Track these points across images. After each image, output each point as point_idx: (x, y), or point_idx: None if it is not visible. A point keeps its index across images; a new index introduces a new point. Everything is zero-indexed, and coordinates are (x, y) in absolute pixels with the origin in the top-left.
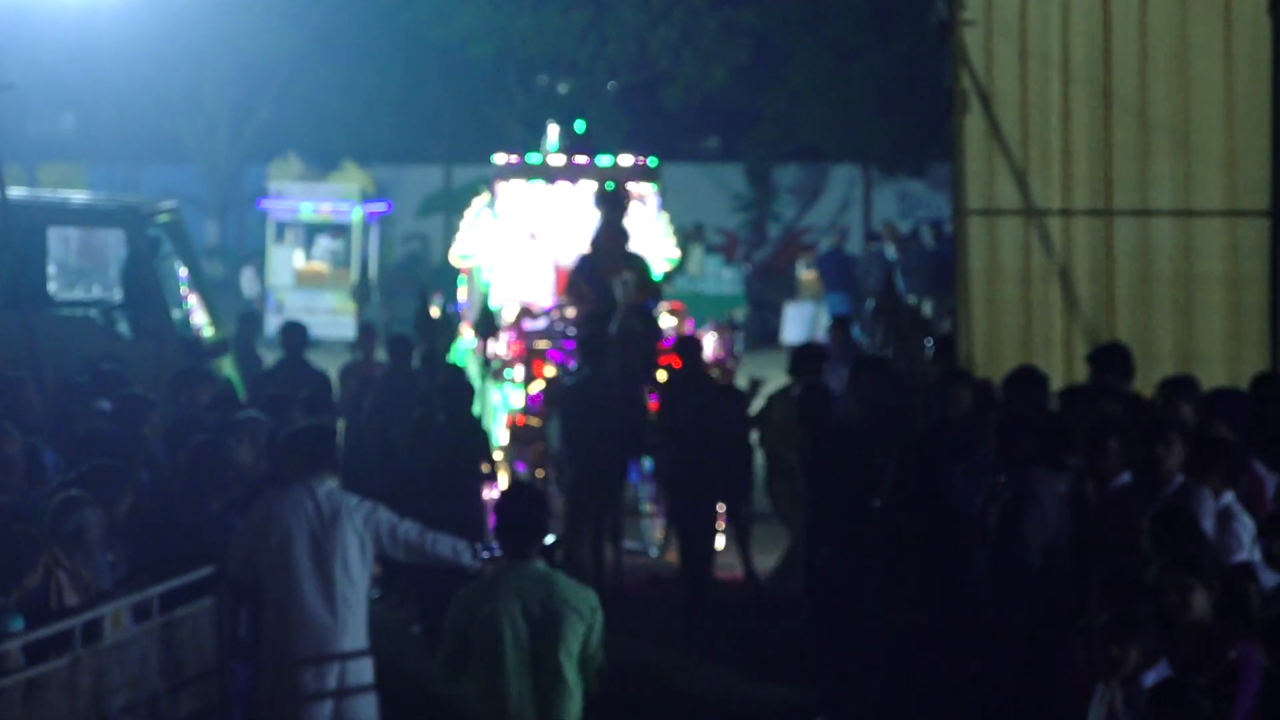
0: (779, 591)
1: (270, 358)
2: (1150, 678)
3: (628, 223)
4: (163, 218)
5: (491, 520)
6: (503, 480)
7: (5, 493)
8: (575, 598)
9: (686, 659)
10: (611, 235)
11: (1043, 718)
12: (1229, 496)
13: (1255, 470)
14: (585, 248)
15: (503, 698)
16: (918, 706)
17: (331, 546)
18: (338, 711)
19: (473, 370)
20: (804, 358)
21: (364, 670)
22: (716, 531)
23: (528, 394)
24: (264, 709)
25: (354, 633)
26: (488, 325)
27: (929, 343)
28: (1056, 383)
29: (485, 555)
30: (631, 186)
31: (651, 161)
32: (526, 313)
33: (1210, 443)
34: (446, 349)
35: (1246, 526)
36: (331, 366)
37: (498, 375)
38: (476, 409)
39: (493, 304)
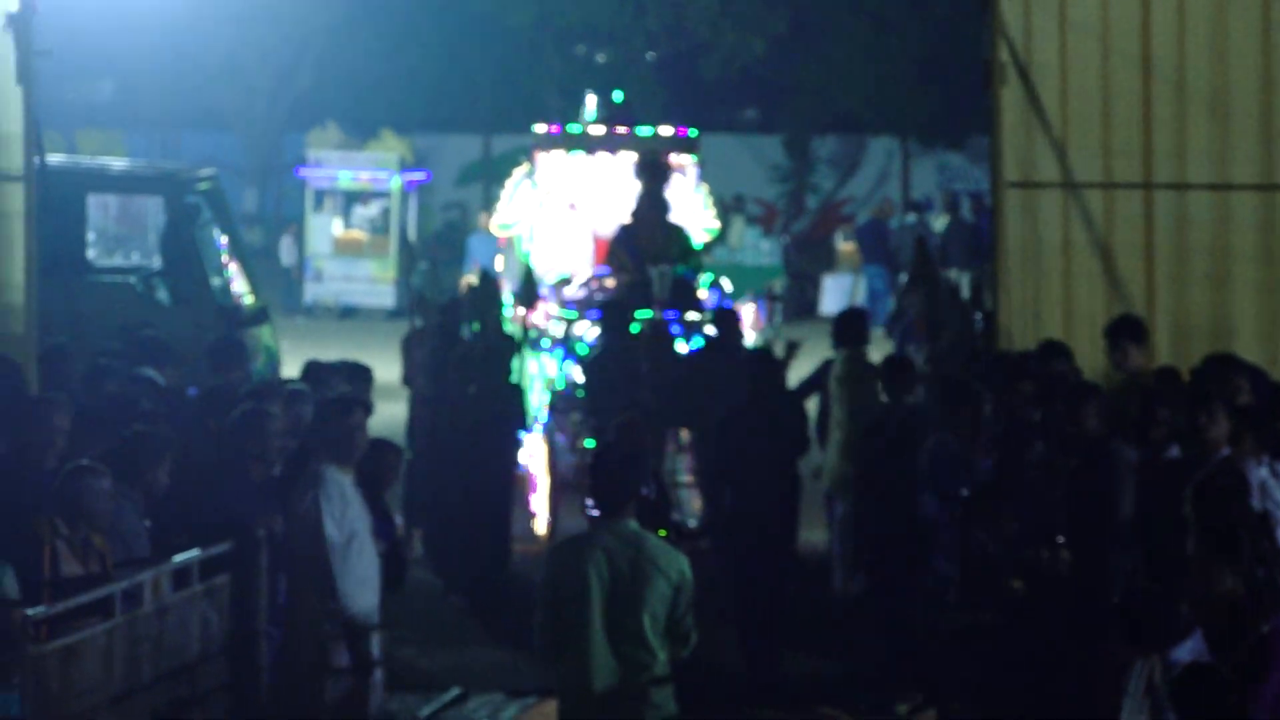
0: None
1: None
2: (1185, 649)
3: (668, 193)
4: (202, 185)
5: (533, 487)
6: (539, 449)
7: (47, 461)
8: (664, 559)
9: (727, 630)
10: (652, 206)
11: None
12: (1265, 468)
13: None
14: (625, 218)
15: (586, 654)
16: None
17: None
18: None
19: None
20: (849, 326)
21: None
22: None
23: (565, 364)
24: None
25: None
26: (530, 294)
27: (979, 317)
28: (1098, 356)
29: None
30: (672, 158)
31: (691, 132)
32: (565, 282)
33: (1242, 413)
34: (496, 318)
35: None
36: (370, 335)
37: (536, 345)
38: (516, 378)
39: (535, 273)
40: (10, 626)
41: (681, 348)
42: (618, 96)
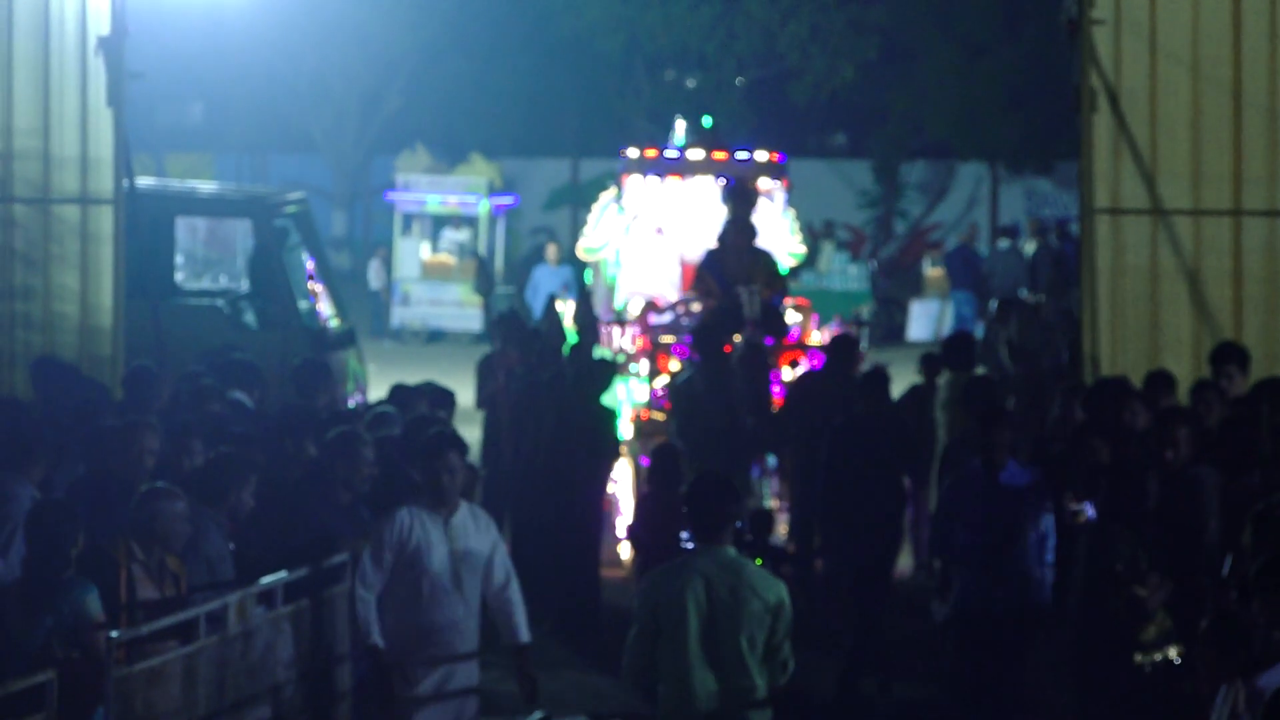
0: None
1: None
2: (1271, 676)
3: (755, 219)
4: (290, 208)
5: (616, 512)
6: (627, 473)
7: (136, 483)
8: (762, 586)
9: (810, 654)
10: (739, 231)
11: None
12: None
13: None
14: (712, 243)
15: (686, 679)
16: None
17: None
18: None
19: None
20: (957, 350)
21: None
22: None
23: (652, 388)
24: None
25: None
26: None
27: (1065, 353)
28: (1185, 382)
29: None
30: (759, 183)
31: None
32: (652, 307)
33: None
34: (589, 342)
35: None
36: (456, 359)
37: (623, 369)
38: (607, 402)
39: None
40: (96, 647)
41: (773, 372)
42: (706, 121)
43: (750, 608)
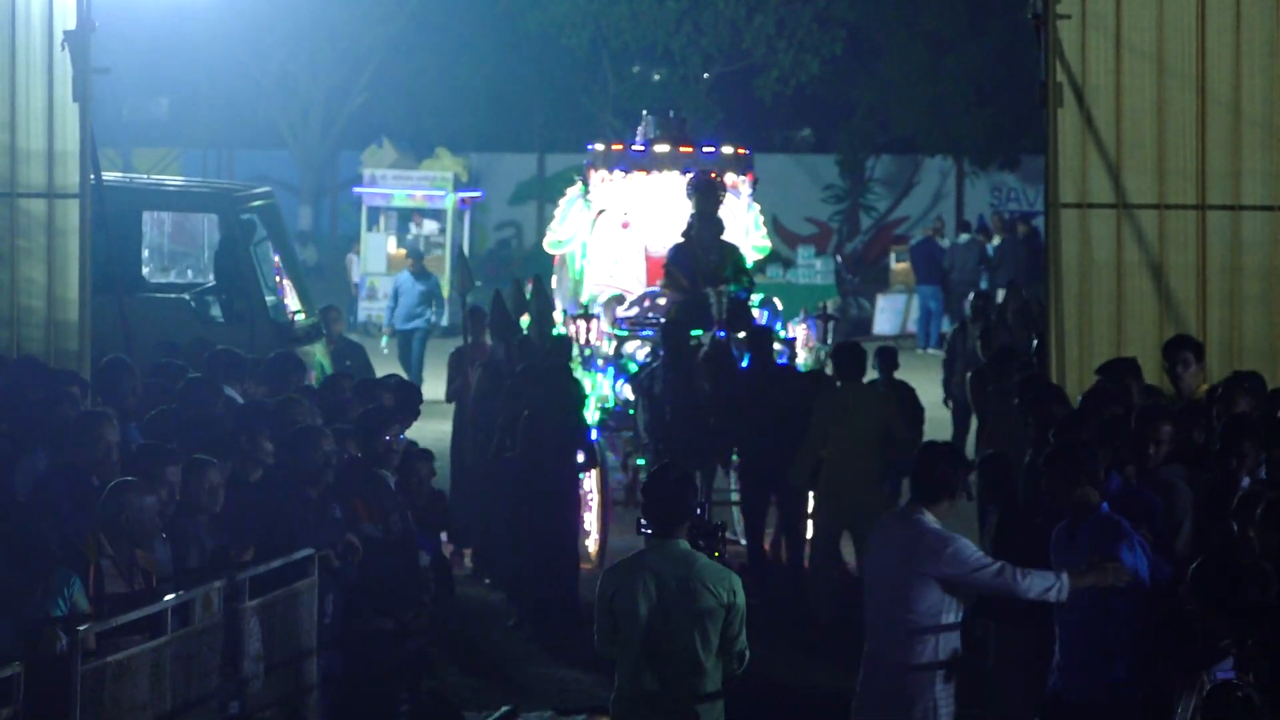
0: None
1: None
2: (1220, 673)
3: (721, 213)
4: (256, 203)
5: (586, 506)
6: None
7: (96, 475)
8: (713, 579)
9: (774, 649)
10: (704, 226)
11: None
12: None
13: None
14: (679, 238)
15: (636, 670)
16: None
17: None
18: None
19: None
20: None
21: None
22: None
23: (617, 382)
24: None
25: None
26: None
27: (1034, 343)
28: (1149, 376)
29: None
30: (725, 177)
31: (742, 151)
32: (618, 301)
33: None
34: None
35: None
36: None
37: (589, 363)
38: (574, 396)
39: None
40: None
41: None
42: (672, 114)
43: (703, 604)
